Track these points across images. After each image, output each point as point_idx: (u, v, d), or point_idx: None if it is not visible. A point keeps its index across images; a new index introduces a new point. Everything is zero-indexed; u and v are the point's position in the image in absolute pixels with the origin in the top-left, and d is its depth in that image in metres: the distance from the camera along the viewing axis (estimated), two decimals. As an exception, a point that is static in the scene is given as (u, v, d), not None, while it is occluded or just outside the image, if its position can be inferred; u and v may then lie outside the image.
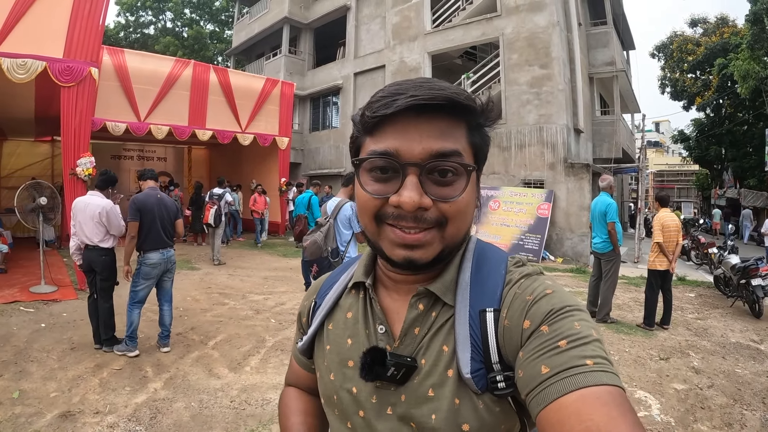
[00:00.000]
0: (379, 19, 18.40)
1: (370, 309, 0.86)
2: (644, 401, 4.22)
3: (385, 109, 0.72)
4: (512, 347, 0.72)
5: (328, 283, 0.99)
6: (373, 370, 0.75)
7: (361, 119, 0.78)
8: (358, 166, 0.78)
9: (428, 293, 0.80)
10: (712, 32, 27.16)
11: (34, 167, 14.99)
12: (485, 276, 0.81)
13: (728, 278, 8.14)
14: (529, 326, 0.71)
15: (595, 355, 0.64)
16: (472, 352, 0.74)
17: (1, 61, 6.81)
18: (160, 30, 37.32)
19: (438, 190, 0.74)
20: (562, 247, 13.01)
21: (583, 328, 0.67)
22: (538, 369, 0.65)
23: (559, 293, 0.74)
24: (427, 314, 0.80)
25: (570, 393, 0.60)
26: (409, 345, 0.80)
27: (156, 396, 4.03)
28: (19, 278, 8.15)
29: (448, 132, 0.75)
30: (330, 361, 0.88)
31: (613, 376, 0.62)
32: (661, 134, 57.97)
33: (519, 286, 0.77)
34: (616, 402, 0.59)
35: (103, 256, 4.96)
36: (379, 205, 0.75)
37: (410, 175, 0.73)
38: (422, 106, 0.71)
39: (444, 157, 0.73)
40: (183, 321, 6.12)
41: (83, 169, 7.61)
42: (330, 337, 0.90)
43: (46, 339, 5.26)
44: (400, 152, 0.73)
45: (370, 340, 0.83)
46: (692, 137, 30.08)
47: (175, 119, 11.86)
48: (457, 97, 0.73)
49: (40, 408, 3.71)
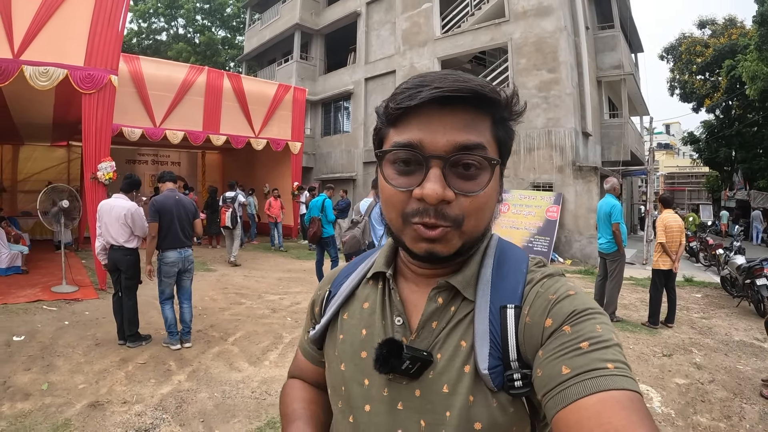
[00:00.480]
0: (389, 25, 18.63)
1: (389, 300, 0.86)
2: (646, 394, 4.39)
3: (410, 100, 0.72)
4: (532, 345, 0.73)
5: (345, 273, 0.99)
6: (389, 362, 0.75)
7: (385, 110, 0.78)
8: (382, 158, 0.78)
9: (449, 287, 0.80)
10: (721, 33, 27.05)
11: (50, 171, 15.36)
12: (506, 273, 0.82)
13: (734, 278, 8.27)
14: (551, 325, 0.71)
15: (616, 359, 0.64)
16: (490, 348, 0.74)
17: (24, 69, 7.00)
18: (172, 36, 37.71)
19: (461, 183, 0.74)
20: (570, 249, 13.16)
21: (604, 331, 0.68)
22: (558, 369, 0.66)
23: (581, 295, 0.75)
24: (446, 308, 0.80)
25: (591, 395, 0.61)
26: (426, 339, 0.79)
27: (180, 387, 4.28)
28: (39, 278, 8.45)
29: (473, 125, 0.75)
30: (342, 351, 0.87)
31: (632, 381, 0.63)
32: (671, 136, 57.61)
33: (542, 285, 0.78)
34: (635, 407, 0.60)
35: (127, 256, 5.26)
36: (404, 199, 0.75)
37: (434, 167, 0.73)
38: (447, 98, 0.71)
39: (468, 150, 0.73)
40: (202, 319, 6.37)
41: (104, 173, 7.85)
42: (344, 327, 0.89)
43: (70, 335, 5.52)
44: (424, 144, 0.73)
45: (386, 332, 0.83)
46: (702, 139, 29.97)
47: (189, 125, 12.11)
48: (482, 89, 0.73)
49: (69, 398, 3.94)
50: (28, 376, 4.33)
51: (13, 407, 3.73)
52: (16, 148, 15.13)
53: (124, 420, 3.63)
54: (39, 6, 7.08)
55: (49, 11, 7.20)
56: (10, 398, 3.88)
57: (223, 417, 3.76)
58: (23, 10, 7.01)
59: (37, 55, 7.17)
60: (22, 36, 7.02)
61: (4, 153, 15.07)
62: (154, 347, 5.26)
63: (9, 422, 3.48)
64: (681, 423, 3.89)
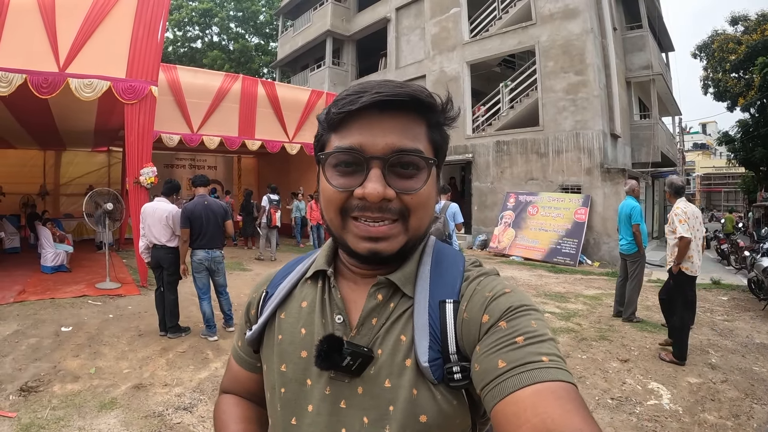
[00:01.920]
0: (419, 30, 18.86)
1: (329, 298, 0.86)
2: (656, 391, 4.49)
3: (351, 105, 0.75)
4: (470, 340, 0.74)
5: (281, 274, 0.99)
6: (329, 359, 0.76)
7: (326, 117, 0.81)
8: (324, 161, 0.80)
9: (388, 283, 0.81)
10: (753, 30, 26.19)
11: (91, 176, 16.08)
12: (444, 270, 0.84)
13: (761, 281, 8.18)
14: (488, 321, 0.73)
15: (551, 353, 0.66)
16: (430, 341, 0.75)
17: (70, 82, 7.36)
18: (207, 44, 38.41)
19: (401, 182, 0.77)
20: (599, 252, 13.16)
21: (539, 326, 0.70)
22: (494, 363, 0.67)
23: (517, 293, 0.77)
24: (386, 305, 0.81)
25: (526, 387, 0.62)
26: (366, 335, 0.80)
27: (217, 373, 4.63)
28: (83, 276, 8.93)
29: (410, 128, 0.77)
30: (281, 351, 0.86)
31: (567, 373, 0.65)
32: (707, 136, 56.20)
33: (478, 283, 0.80)
34: (570, 397, 0.61)
35: (169, 254, 5.69)
36: (344, 198, 0.77)
37: (374, 168, 0.75)
38: (385, 103, 0.74)
39: (405, 152, 0.76)
40: (237, 314, 6.66)
41: (146, 177, 8.26)
42: (282, 327, 0.88)
43: (115, 327, 5.94)
44: (364, 147, 0.75)
45: (326, 329, 0.82)
46: (737, 139, 29.18)
47: (225, 130, 12.44)
48: (420, 94, 0.76)
49: (115, 381, 4.33)
50: (76, 362, 4.73)
51: (64, 388, 4.12)
52: (59, 153, 15.89)
53: (165, 400, 4.00)
54: (83, 21, 7.45)
55: (92, 26, 7.55)
56: (60, 380, 4.28)
57: (256, 400, 4.10)
58: (68, 26, 7.37)
59: (82, 68, 7.52)
60: (68, 50, 7.39)
61: (48, 158, 15.85)
62: (193, 338, 5.66)
63: (60, 400, 3.87)
64: (687, 419, 3.96)
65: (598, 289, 9.37)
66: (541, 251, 13.33)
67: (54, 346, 5.15)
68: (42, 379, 4.26)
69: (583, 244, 12.88)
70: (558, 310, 7.53)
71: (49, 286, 7.93)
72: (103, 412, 3.70)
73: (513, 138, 15.34)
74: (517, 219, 14.33)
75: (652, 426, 3.83)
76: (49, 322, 5.94)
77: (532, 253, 13.44)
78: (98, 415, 3.66)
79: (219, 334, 5.75)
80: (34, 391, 4.01)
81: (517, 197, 14.73)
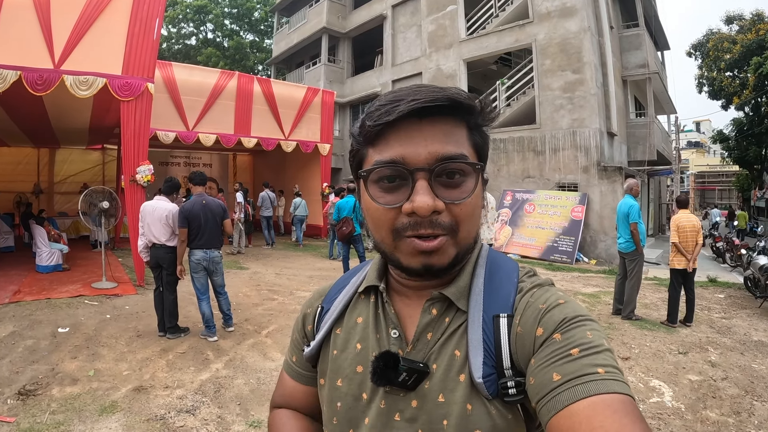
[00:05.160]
0: (415, 28, 18.82)
1: (383, 313, 0.85)
2: (658, 389, 4.51)
3: (388, 116, 0.72)
4: (524, 354, 0.73)
5: (336, 288, 0.98)
6: (385, 375, 0.75)
7: (361, 130, 0.78)
8: (365, 179, 0.77)
9: (442, 298, 0.80)
10: (748, 29, 26.31)
11: (85, 174, 16.00)
12: (498, 283, 0.82)
13: (757, 279, 8.23)
14: (542, 334, 0.71)
15: (607, 364, 0.65)
16: (484, 356, 0.74)
17: (65, 79, 7.28)
18: (201, 41, 38.32)
19: (448, 192, 0.74)
20: (595, 249, 13.19)
21: (595, 337, 0.68)
22: (549, 376, 0.66)
23: (572, 304, 0.75)
24: (440, 319, 0.80)
25: (581, 400, 0.61)
26: (422, 350, 0.79)
27: (218, 374, 4.60)
28: (80, 275, 8.86)
29: (451, 134, 0.75)
30: (337, 366, 0.86)
31: (623, 385, 0.63)
32: (702, 134, 56.42)
33: (532, 295, 0.78)
34: (626, 410, 0.60)
35: (168, 253, 5.63)
36: (393, 216, 0.75)
37: (420, 180, 0.73)
38: (424, 110, 0.72)
39: (450, 159, 0.74)
40: (237, 314, 6.66)
41: (142, 176, 8.20)
42: (338, 342, 0.89)
43: (112, 327, 5.88)
44: (407, 159, 0.73)
45: (381, 345, 0.83)
46: (731, 137, 29.34)
47: (221, 128, 12.46)
48: (459, 96, 0.74)
49: (114, 383, 4.28)
50: (75, 364, 4.68)
51: (63, 391, 4.07)
52: (53, 151, 15.75)
53: (167, 402, 3.96)
54: (78, 18, 7.37)
55: (87, 22, 7.47)
56: (59, 383, 4.22)
57: (258, 400, 4.07)
58: (63, 22, 7.29)
59: (77, 65, 7.44)
60: (63, 47, 7.30)
61: (41, 156, 15.70)
62: (193, 339, 5.61)
63: (60, 404, 3.82)
64: (690, 417, 3.98)
65: (596, 287, 9.39)
66: (538, 249, 13.34)
67: (51, 347, 5.10)
68: (40, 382, 4.21)
69: (580, 242, 12.90)
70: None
71: (44, 285, 7.86)
72: (104, 416, 3.65)
73: (510, 136, 15.33)
74: (514, 217, 14.33)
75: (656, 424, 3.85)
76: (46, 323, 5.88)
77: (529, 251, 13.45)
78: (99, 419, 3.61)
79: (218, 335, 5.70)
80: (33, 395, 3.95)
81: (513, 195, 14.72)
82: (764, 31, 25.21)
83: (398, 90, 0.76)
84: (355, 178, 0.81)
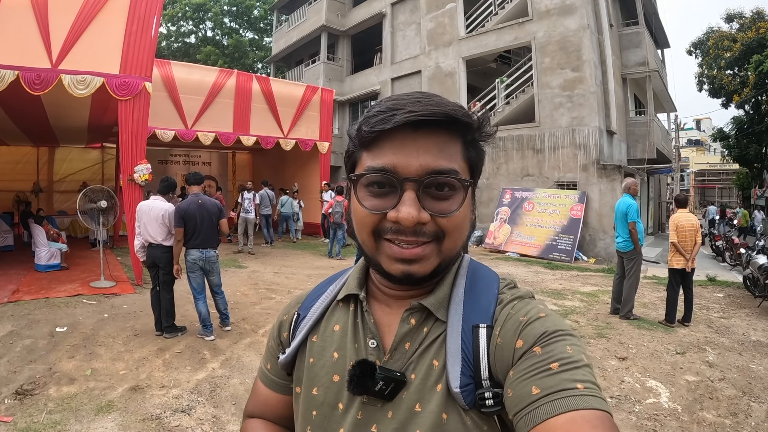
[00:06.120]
0: (415, 26, 18.78)
1: (361, 322, 0.85)
2: (655, 390, 4.51)
3: (383, 124, 0.72)
4: (503, 365, 0.73)
5: (313, 296, 0.97)
6: (362, 384, 0.75)
7: (357, 134, 0.77)
8: (356, 182, 0.78)
9: (421, 308, 0.80)
10: (748, 27, 26.23)
11: (84, 172, 16.06)
12: (478, 293, 0.82)
13: (756, 278, 8.21)
14: (522, 346, 0.71)
15: (586, 379, 0.65)
16: (462, 366, 0.74)
17: (63, 78, 7.28)
18: (201, 39, 38.27)
19: (436, 204, 0.74)
20: (594, 248, 13.19)
21: (575, 352, 0.68)
22: (528, 389, 0.66)
23: (552, 317, 0.75)
24: (419, 329, 0.80)
25: (560, 415, 0.61)
26: (399, 360, 0.79)
27: (214, 374, 4.62)
28: (78, 274, 8.86)
29: (445, 148, 0.75)
30: (313, 375, 0.86)
31: (602, 401, 0.63)
32: (702, 132, 56.33)
33: (512, 307, 0.78)
34: (604, 425, 0.60)
35: (165, 253, 5.63)
36: (377, 220, 0.75)
37: (408, 190, 0.73)
38: (420, 121, 0.71)
39: (441, 174, 0.74)
40: (234, 313, 6.66)
41: (140, 175, 8.19)
42: (314, 350, 0.88)
43: (110, 327, 5.89)
44: (398, 168, 0.73)
45: (359, 354, 0.82)
46: (731, 135, 29.30)
47: (220, 126, 12.48)
48: (456, 113, 0.73)
49: (111, 383, 4.29)
50: (72, 363, 4.69)
51: (60, 390, 4.08)
52: (52, 150, 15.78)
53: (163, 402, 3.97)
54: (75, 17, 7.37)
55: (85, 22, 7.47)
56: (56, 382, 4.23)
57: (254, 401, 4.08)
58: (60, 21, 7.29)
59: (75, 65, 7.44)
60: (60, 46, 7.30)
61: (41, 155, 15.74)
62: (190, 338, 5.62)
63: (56, 403, 3.83)
64: (686, 418, 3.98)
65: (595, 286, 9.38)
66: (537, 247, 13.33)
67: (49, 347, 5.10)
68: (37, 382, 4.22)
69: (578, 240, 12.89)
70: (555, 307, 7.53)
71: (43, 285, 7.87)
72: (100, 416, 3.66)
73: (509, 134, 15.31)
74: (512, 215, 14.33)
75: (652, 425, 3.84)
76: (44, 323, 5.89)
77: (528, 250, 13.44)
78: (95, 418, 3.62)
79: (215, 334, 5.70)
80: (30, 394, 3.96)
81: (512, 193, 14.72)
82: (764, 30, 25.11)
83: (398, 97, 0.76)
84: (349, 180, 0.81)
